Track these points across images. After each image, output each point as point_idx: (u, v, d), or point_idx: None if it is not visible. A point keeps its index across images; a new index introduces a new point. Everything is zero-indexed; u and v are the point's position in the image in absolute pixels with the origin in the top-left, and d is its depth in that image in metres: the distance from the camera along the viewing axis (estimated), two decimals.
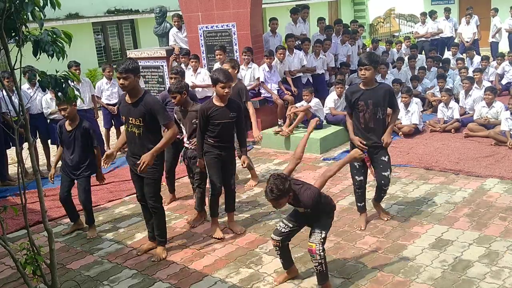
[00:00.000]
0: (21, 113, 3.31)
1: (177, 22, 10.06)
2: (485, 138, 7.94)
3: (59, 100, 5.32)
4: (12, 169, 8.27)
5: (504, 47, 14.45)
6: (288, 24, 10.56)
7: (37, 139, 8.28)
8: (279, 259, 4.34)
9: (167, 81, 9.80)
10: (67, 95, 3.38)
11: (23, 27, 3.17)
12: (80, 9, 14.86)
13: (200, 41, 9.41)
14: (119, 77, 4.61)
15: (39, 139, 8.40)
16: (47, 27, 3.25)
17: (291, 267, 4.38)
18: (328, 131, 8.45)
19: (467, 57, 12.12)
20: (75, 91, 3.45)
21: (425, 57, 12.07)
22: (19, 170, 3.24)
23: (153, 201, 4.93)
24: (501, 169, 6.61)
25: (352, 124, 5.17)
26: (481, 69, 10.25)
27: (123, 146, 5.38)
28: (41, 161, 8.60)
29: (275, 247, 4.25)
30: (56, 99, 5.39)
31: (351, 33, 11.40)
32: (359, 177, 5.19)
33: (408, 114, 8.74)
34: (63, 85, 3.33)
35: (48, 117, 8.28)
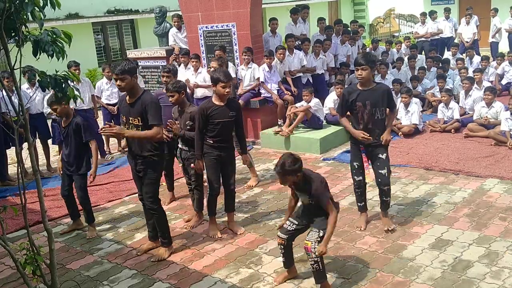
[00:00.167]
0: (21, 113, 3.31)
1: (176, 23, 10.06)
2: (485, 138, 7.94)
3: (58, 100, 5.33)
4: (12, 169, 8.27)
5: (504, 47, 14.45)
6: (288, 24, 10.57)
7: (36, 139, 8.29)
8: (281, 257, 4.36)
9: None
10: (67, 95, 3.38)
11: (23, 27, 3.17)
12: (80, 9, 14.86)
13: (200, 41, 9.41)
14: (116, 78, 4.63)
15: (38, 139, 8.41)
16: (47, 27, 3.25)
17: (291, 266, 4.41)
18: (328, 131, 8.44)
19: (467, 57, 12.12)
20: (74, 91, 3.45)
21: (425, 57, 12.07)
22: (19, 170, 3.24)
23: (150, 202, 4.92)
24: (501, 169, 6.61)
25: (348, 121, 5.17)
26: (481, 69, 10.24)
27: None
28: (40, 161, 8.59)
29: (280, 245, 4.29)
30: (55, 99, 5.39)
31: (351, 33, 11.40)
32: (358, 177, 5.19)
33: (408, 114, 8.74)
34: (63, 85, 3.34)
35: (50, 117, 8.28)
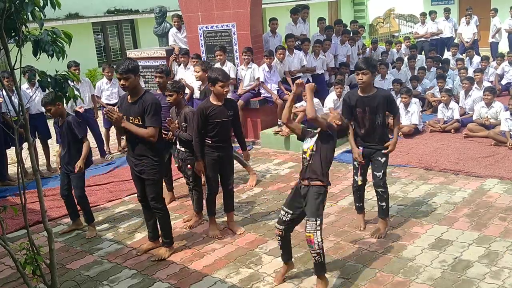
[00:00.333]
0: (21, 113, 3.31)
1: (176, 23, 10.06)
2: (484, 138, 7.94)
3: (52, 100, 5.34)
4: (12, 169, 8.28)
5: (504, 47, 14.45)
6: (288, 24, 10.56)
7: (36, 139, 8.28)
8: (279, 249, 4.36)
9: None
10: (66, 95, 3.39)
11: (23, 27, 3.17)
12: (80, 9, 14.86)
13: (200, 41, 9.41)
14: (120, 78, 4.60)
15: (38, 139, 8.41)
16: (47, 27, 3.26)
17: (289, 261, 4.40)
18: None
19: (467, 58, 12.12)
20: (74, 91, 3.46)
21: (425, 57, 12.06)
22: (19, 170, 3.24)
23: (154, 202, 4.93)
24: (500, 169, 6.61)
25: (352, 133, 5.05)
26: (481, 69, 10.24)
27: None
28: (40, 161, 8.59)
29: (277, 236, 4.28)
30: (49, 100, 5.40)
31: (351, 33, 11.40)
32: (357, 178, 5.19)
33: (408, 115, 8.74)
34: (63, 85, 3.34)
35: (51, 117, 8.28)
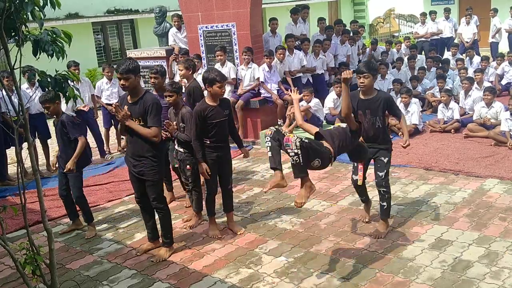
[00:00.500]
0: (21, 113, 3.31)
1: (176, 22, 10.06)
2: (485, 138, 7.94)
3: (52, 98, 5.33)
4: (12, 169, 8.27)
5: (504, 48, 14.45)
6: (288, 24, 10.56)
7: (36, 139, 8.28)
8: (268, 153, 4.11)
9: (166, 80, 9.76)
10: (66, 94, 3.39)
11: (23, 26, 3.17)
12: (80, 9, 14.87)
13: (200, 41, 9.40)
14: (120, 78, 4.60)
15: (38, 139, 8.40)
16: (47, 27, 3.26)
17: (279, 169, 4.11)
18: None
19: (467, 58, 12.11)
20: (74, 90, 3.46)
21: (425, 57, 12.06)
22: (19, 170, 3.24)
23: (156, 203, 4.93)
24: (500, 170, 6.61)
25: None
26: (482, 69, 10.24)
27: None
28: (40, 161, 8.59)
29: (267, 136, 4.10)
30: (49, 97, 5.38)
31: (350, 32, 11.39)
32: (356, 177, 5.22)
33: (408, 115, 8.73)
34: (63, 85, 3.34)
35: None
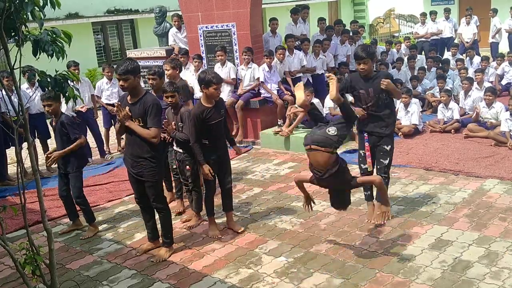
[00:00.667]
0: (21, 113, 3.31)
1: (177, 22, 10.06)
2: (485, 138, 7.94)
3: (56, 96, 5.31)
4: (12, 169, 8.27)
5: (504, 48, 14.45)
6: (288, 24, 10.56)
7: (36, 139, 8.28)
8: None
9: (166, 80, 9.75)
10: (66, 94, 3.39)
11: (23, 26, 3.17)
12: (80, 9, 14.86)
13: (200, 41, 9.40)
14: (119, 78, 4.62)
15: (38, 139, 8.40)
16: (46, 26, 3.26)
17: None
18: None
19: (467, 58, 12.11)
20: (74, 91, 3.45)
21: (425, 57, 12.06)
22: (19, 170, 3.24)
23: (156, 203, 4.93)
24: (500, 170, 6.61)
25: (348, 103, 5.31)
26: (482, 69, 10.24)
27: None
28: (40, 161, 8.58)
29: None
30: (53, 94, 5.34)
31: (350, 32, 11.39)
32: (364, 165, 5.37)
33: (408, 115, 8.73)
34: (63, 85, 3.34)
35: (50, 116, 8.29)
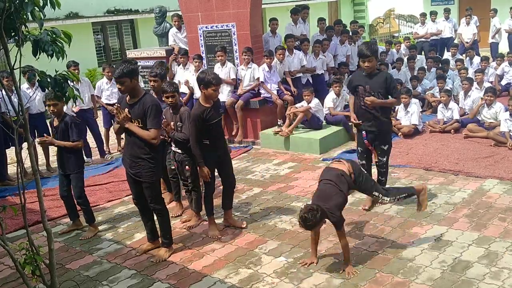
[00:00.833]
0: (21, 113, 3.31)
1: (177, 22, 10.06)
2: (484, 139, 7.94)
3: (60, 96, 5.30)
4: (12, 169, 8.27)
5: (504, 48, 14.46)
6: (288, 25, 10.56)
7: (36, 139, 8.27)
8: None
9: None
10: (66, 95, 3.39)
11: (23, 27, 3.18)
12: (79, 9, 14.85)
13: (200, 41, 9.40)
14: (116, 82, 4.66)
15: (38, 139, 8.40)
16: (46, 27, 3.26)
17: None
18: (328, 131, 8.43)
19: (467, 58, 12.11)
20: (74, 91, 3.46)
21: (425, 57, 12.06)
22: (19, 170, 3.24)
23: (154, 204, 4.92)
24: (500, 170, 6.61)
25: (353, 104, 5.62)
26: (482, 69, 10.25)
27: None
28: (40, 161, 8.59)
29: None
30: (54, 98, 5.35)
31: (349, 32, 11.39)
32: (362, 161, 5.60)
33: (408, 115, 8.74)
34: (63, 85, 3.34)
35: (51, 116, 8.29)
